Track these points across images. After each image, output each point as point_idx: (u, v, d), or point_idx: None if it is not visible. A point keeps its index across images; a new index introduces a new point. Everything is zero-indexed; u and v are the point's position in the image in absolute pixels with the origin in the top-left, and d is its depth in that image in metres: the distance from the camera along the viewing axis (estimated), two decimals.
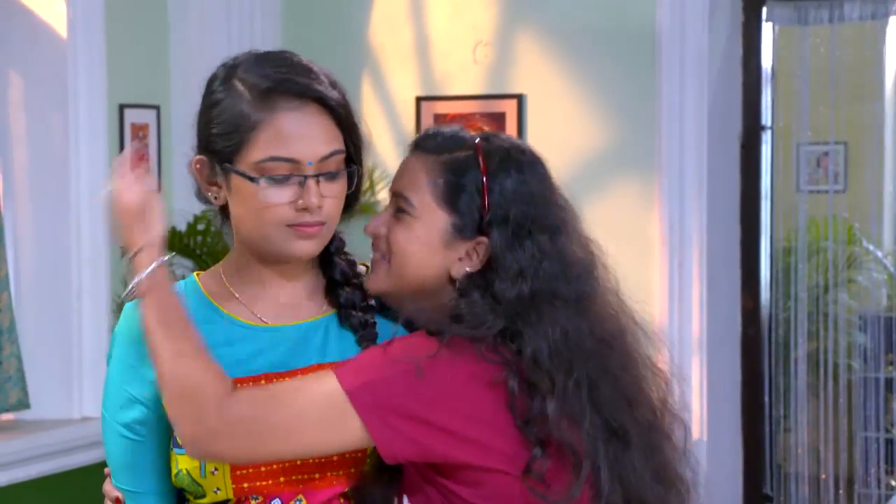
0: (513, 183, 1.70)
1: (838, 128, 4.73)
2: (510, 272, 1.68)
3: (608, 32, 4.34)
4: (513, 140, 1.76)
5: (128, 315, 1.76)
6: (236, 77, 1.71)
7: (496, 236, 1.69)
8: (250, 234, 1.71)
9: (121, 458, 1.76)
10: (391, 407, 1.63)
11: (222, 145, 1.69)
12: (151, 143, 4.40)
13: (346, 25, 4.64)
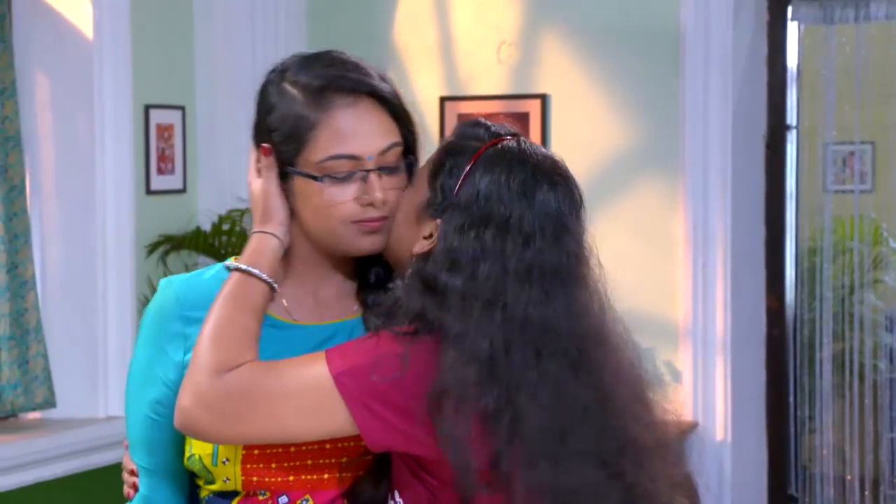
0: (491, 181, 1.66)
1: (864, 127, 4.71)
2: (445, 258, 1.64)
3: (632, 32, 4.33)
4: (530, 152, 1.69)
5: (160, 293, 1.78)
6: (286, 81, 1.72)
7: (447, 219, 1.66)
8: (317, 232, 1.73)
9: (140, 435, 1.79)
10: (372, 393, 1.62)
11: (282, 150, 1.71)
12: (176, 144, 4.42)
13: (370, 25, 4.65)
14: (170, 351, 1.75)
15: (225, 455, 1.72)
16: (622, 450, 1.66)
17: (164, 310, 1.76)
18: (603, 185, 4.33)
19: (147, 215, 4.28)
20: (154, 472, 1.80)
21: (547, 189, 1.67)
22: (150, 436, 1.78)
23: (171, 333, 1.75)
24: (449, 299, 1.63)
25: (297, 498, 1.73)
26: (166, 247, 4.38)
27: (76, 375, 4.08)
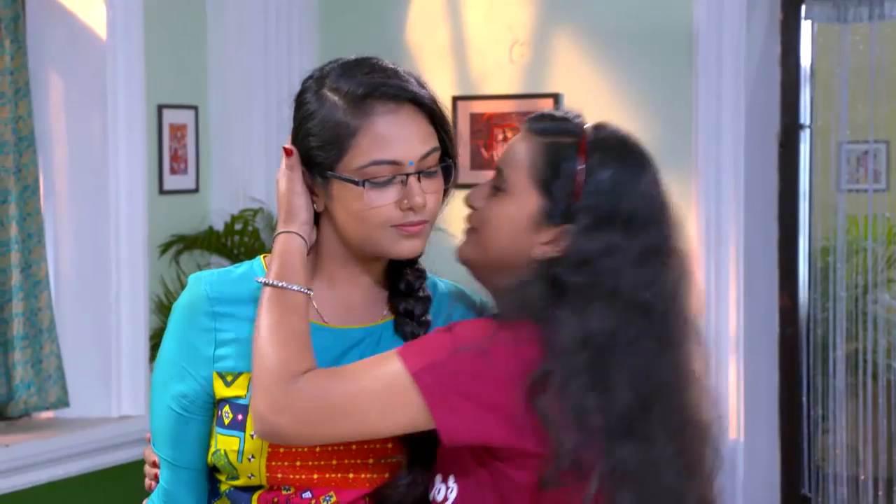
0: (609, 177, 1.68)
1: (878, 126, 4.70)
2: (575, 260, 1.67)
3: (645, 31, 4.32)
4: (622, 134, 1.74)
5: (189, 288, 1.79)
6: (326, 87, 1.74)
7: (577, 223, 1.67)
8: (355, 237, 1.74)
9: (164, 428, 1.80)
10: (453, 388, 1.63)
11: (322, 155, 1.72)
12: (189, 144, 4.42)
13: (382, 25, 4.65)
14: (199, 345, 1.76)
15: (251, 452, 1.73)
16: (683, 428, 1.71)
17: (193, 305, 1.77)
18: None
19: (160, 215, 4.29)
20: (176, 465, 1.81)
21: (651, 170, 1.73)
22: (174, 429, 1.79)
23: (200, 328, 1.76)
24: (570, 293, 1.66)
25: (321, 494, 1.74)
26: (179, 246, 4.39)
27: (89, 375, 4.09)
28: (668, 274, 1.70)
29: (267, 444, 1.73)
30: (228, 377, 1.76)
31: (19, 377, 3.86)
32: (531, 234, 1.71)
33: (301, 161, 1.75)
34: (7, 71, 3.87)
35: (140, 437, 4.15)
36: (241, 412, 1.75)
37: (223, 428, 1.76)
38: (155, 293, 4.30)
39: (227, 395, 1.76)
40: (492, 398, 1.63)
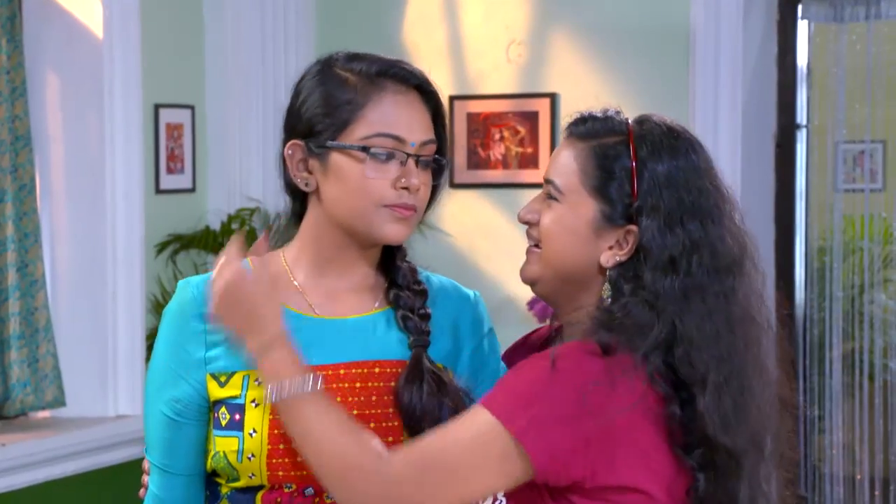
0: (664, 169, 1.65)
1: (875, 126, 4.70)
2: (660, 261, 1.63)
3: (642, 31, 4.32)
4: (667, 123, 1.71)
5: (179, 293, 1.79)
6: (337, 67, 1.76)
7: (646, 224, 1.64)
8: (346, 216, 1.74)
9: (158, 434, 1.79)
10: (556, 439, 1.58)
11: (326, 124, 1.73)
12: (186, 143, 4.42)
13: (379, 25, 4.65)
14: (190, 349, 1.76)
15: (250, 450, 1.72)
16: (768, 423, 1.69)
17: (183, 309, 1.77)
18: None
19: (156, 214, 4.28)
20: (169, 471, 1.80)
21: (703, 155, 1.69)
22: (167, 435, 1.78)
23: (190, 332, 1.76)
24: (678, 303, 1.62)
25: (324, 490, 1.72)
26: (175, 246, 4.39)
27: (86, 374, 4.09)
28: (745, 260, 1.67)
29: (267, 442, 1.72)
30: (222, 377, 1.75)
31: (16, 376, 3.85)
32: (595, 242, 1.68)
33: (295, 133, 1.76)
34: (3, 70, 3.86)
35: (137, 436, 4.14)
36: (237, 412, 1.74)
37: (221, 430, 1.75)
38: (151, 293, 4.29)
39: (223, 395, 1.75)
40: (593, 442, 1.58)
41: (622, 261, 1.67)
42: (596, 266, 1.69)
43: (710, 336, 1.62)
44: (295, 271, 1.78)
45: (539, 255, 1.73)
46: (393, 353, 1.77)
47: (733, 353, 1.63)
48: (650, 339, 1.61)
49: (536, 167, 4.47)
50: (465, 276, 4.60)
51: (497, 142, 4.51)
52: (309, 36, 4.66)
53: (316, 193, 1.76)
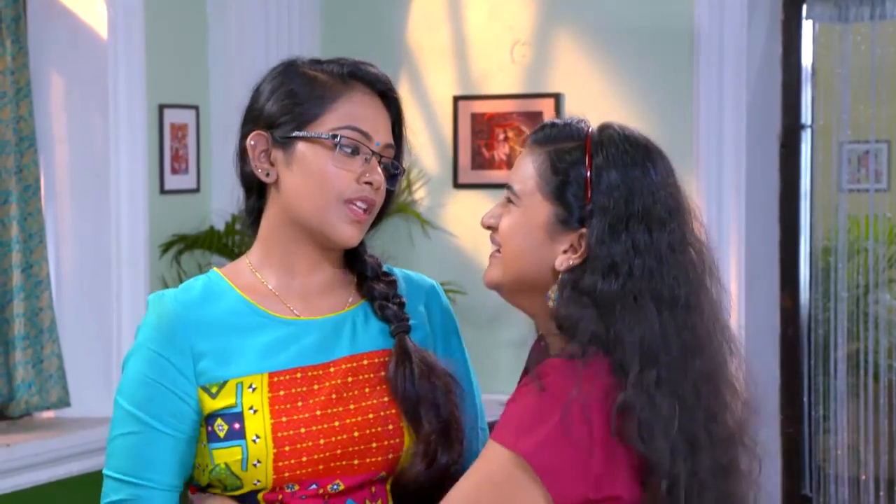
0: (618, 176, 1.66)
1: (880, 126, 4.69)
2: (602, 265, 1.65)
3: (646, 31, 4.32)
4: (628, 132, 1.72)
5: (154, 307, 1.76)
6: (303, 68, 1.78)
7: (593, 227, 1.66)
8: (304, 209, 1.74)
9: (134, 449, 1.74)
10: (563, 456, 1.60)
11: (294, 115, 1.75)
12: (190, 143, 4.42)
13: (384, 25, 4.65)
14: (177, 362, 1.73)
15: (256, 457, 1.71)
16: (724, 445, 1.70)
17: (162, 322, 1.74)
18: None
19: (161, 215, 4.29)
20: (149, 487, 1.74)
21: (661, 164, 1.70)
22: (148, 450, 1.73)
23: (174, 345, 1.73)
24: (616, 305, 1.63)
25: (327, 483, 1.74)
26: (180, 246, 4.39)
27: (90, 375, 4.09)
28: (695, 266, 1.69)
29: (272, 446, 1.71)
30: (213, 388, 1.73)
31: (20, 377, 3.86)
32: (550, 245, 1.69)
33: (259, 124, 1.78)
34: (8, 71, 3.87)
35: None
36: (236, 421, 1.72)
37: (219, 442, 1.72)
38: None
39: (217, 407, 1.73)
40: (594, 454, 1.61)
41: (575, 264, 1.68)
42: (551, 270, 1.69)
43: (645, 339, 1.63)
44: (265, 276, 1.79)
45: (499, 259, 1.74)
46: (377, 343, 1.80)
47: (669, 361, 1.64)
48: (578, 336, 1.63)
49: None
50: (468, 276, 4.61)
51: (501, 142, 4.51)
52: (313, 36, 4.67)
53: (275, 185, 1.77)
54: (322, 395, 1.75)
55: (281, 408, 1.73)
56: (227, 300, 1.77)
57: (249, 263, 1.81)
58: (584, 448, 1.60)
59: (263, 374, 1.74)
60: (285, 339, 1.76)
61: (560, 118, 1.76)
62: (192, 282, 1.80)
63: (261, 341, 1.75)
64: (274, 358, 1.75)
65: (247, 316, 1.77)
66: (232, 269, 1.81)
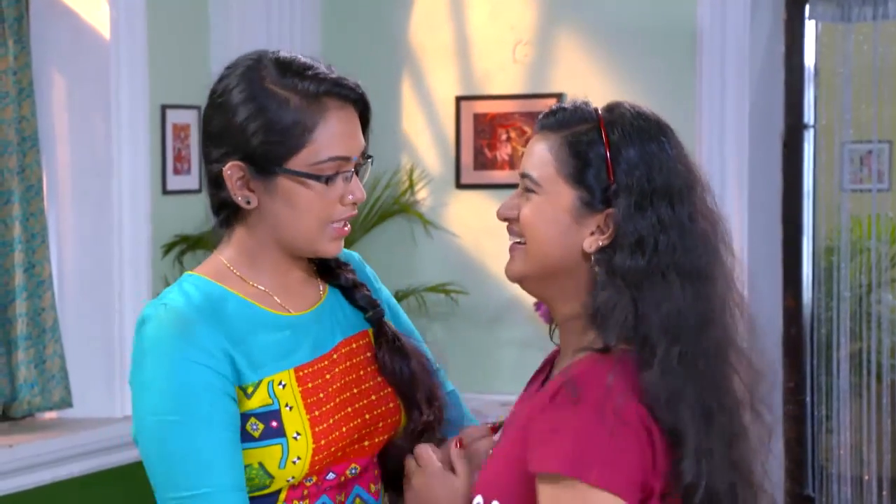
0: (636, 152, 1.67)
1: (882, 126, 4.69)
2: (630, 241, 1.66)
3: (649, 31, 4.32)
4: (637, 108, 1.73)
5: (160, 314, 1.69)
6: (271, 84, 1.72)
7: (620, 205, 1.67)
8: (289, 234, 1.74)
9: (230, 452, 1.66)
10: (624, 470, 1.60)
11: (276, 149, 1.71)
12: (193, 144, 4.42)
13: (386, 25, 4.65)
14: (215, 366, 1.68)
15: (296, 454, 1.70)
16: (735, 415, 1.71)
17: (190, 328, 1.68)
18: None
19: (163, 215, 4.28)
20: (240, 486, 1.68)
21: (673, 137, 1.72)
22: (235, 450, 1.68)
23: (207, 350, 1.68)
24: (643, 283, 1.65)
25: (345, 469, 1.76)
26: (182, 247, 4.38)
27: (93, 375, 4.08)
28: (710, 237, 1.70)
29: (311, 441, 1.71)
30: (249, 388, 1.71)
31: (23, 377, 3.85)
32: (577, 229, 1.69)
33: (236, 154, 1.72)
34: (10, 71, 3.86)
35: None
36: (273, 419, 1.70)
37: (255, 442, 1.69)
38: (157, 293, 4.28)
39: (251, 406, 1.70)
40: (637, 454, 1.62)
41: (604, 245, 1.69)
42: (580, 254, 1.70)
43: (667, 314, 1.65)
44: (252, 278, 1.78)
45: (523, 250, 1.73)
46: (356, 326, 1.84)
47: (688, 331, 1.66)
48: (611, 322, 1.64)
49: None
50: (471, 277, 4.61)
51: (504, 142, 4.51)
52: (314, 36, 4.66)
53: (256, 210, 1.74)
54: (335, 383, 1.77)
55: (311, 401, 1.73)
56: (230, 302, 1.75)
57: (230, 268, 1.78)
58: (640, 450, 1.61)
59: (290, 370, 1.73)
60: (293, 335, 1.76)
61: (567, 102, 1.76)
62: (183, 288, 1.74)
63: (273, 339, 1.75)
64: (292, 354, 1.75)
65: (253, 316, 1.76)
66: (214, 272, 1.77)
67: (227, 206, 1.76)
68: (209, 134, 1.76)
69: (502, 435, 1.77)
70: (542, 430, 1.62)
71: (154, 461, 1.68)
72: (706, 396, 1.65)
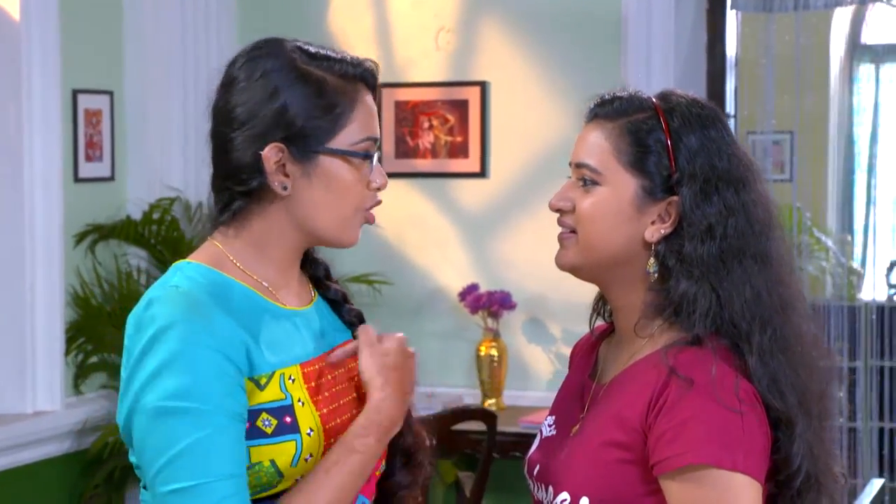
0: (697, 139, 1.68)
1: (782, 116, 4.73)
2: (699, 229, 1.66)
3: (574, 19, 4.30)
4: (690, 95, 1.73)
5: (180, 301, 1.61)
6: (304, 65, 1.68)
7: (685, 193, 1.67)
8: (322, 220, 1.68)
9: (237, 447, 1.59)
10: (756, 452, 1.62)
11: (315, 129, 1.67)
12: (104, 130, 4.28)
13: (304, 11, 4.56)
14: (225, 349, 1.60)
15: (309, 450, 1.64)
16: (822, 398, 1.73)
17: (193, 306, 1.60)
18: (544, 172, 4.30)
19: (75, 204, 4.15)
20: (240, 474, 1.61)
21: (727, 124, 1.73)
22: (241, 444, 1.61)
23: (216, 332, 1.60)
24: (721, 271, 1.65)
25: None
26: (95, 236, 4.26)
27: (3, 369, 3.97)
28: (770, 220, 1.70)
29: (323, 439, 1.65)
30: (262, 380, 1.63)
31: None
32: (638, 218, 1.69)
33: (274, 136, 1.66)
34: None
35: (55, 433, 4.02)
36: (286, 414, 1.63)
37: (267, 438, 1.62)
38: (70, 285, 4.16)
39: (263, 400, 1.63)
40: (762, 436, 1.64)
41: (666, 234, 1.69)
42: (640, 243, 1.70)
43: (750, 299, 1.66)
44: (255, 270, 1.71)
45: (576, 240, 1.72)
46: (345, 334, 1.79)
47: (774, 315, 1.67)
48: (698, 313, 1.65)
49: (466, 156, 4.42)
50: (394, 267, 4.55)
51: (426, 130, 4.45)
52: (230, 20, 4.55)
53: (284, 197, 1.69)
54: (338, 384, 1.72)
55: (319, 398, 1.67)
56: (236, 292, 1.68)
57: (230, 258, 1.71)
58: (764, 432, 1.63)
59: (297, 364, 1.68)
60: (296, 330, 1.71)
61: (620, 90, 1.76)
62: (186, 273, 1.67)
63: (280, 332, 1.69)
64: (297, 348, 1.69)
65: (258, 305, 1.69)
66: (212, 260, 1.70)
67: (249, 195, 1.69)
68: (228, 118, 1.68)
69: (581, 430, 1.73)
70: (665, 428, 1.61)
71: (151, 451, 1.59)
72: (805, 381, 1.67)
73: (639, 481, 1.64)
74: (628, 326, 1.73)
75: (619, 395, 1.69)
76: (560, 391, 1.86)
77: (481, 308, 4.23)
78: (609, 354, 1.79)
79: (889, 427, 5.23)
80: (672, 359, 1.64)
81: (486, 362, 4.24)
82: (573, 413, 1.77)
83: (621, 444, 1.65)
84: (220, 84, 1.72)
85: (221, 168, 1.70)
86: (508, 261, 4.38)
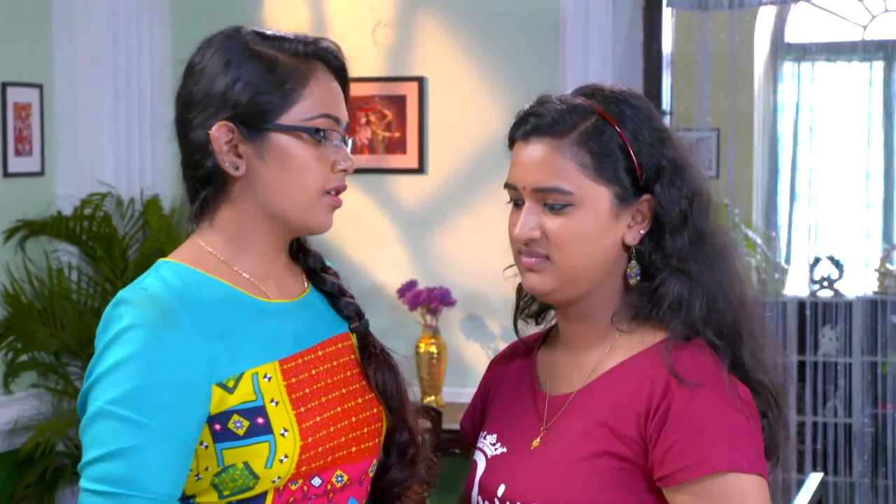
0: (647, 132, 1.64)
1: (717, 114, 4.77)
2: (676, 219, 1.64)
3: (512, 15, 4.29)
4: (617, 88, 1.69)
5: (142, 300, 1.57)
6: (255, 45, 1.66)
7: (657, 189, 1.64)
8: (283, 203, 1.64)
9: (179, 462, 1.56)
10: (761, 451, 1.63)
11: (262, 105, 1.63)
12: (34, 124, 4.19)
13: (239, 4, 4.49)
14: (189, 357, 1.56)
15: (284, 451, 1.59)
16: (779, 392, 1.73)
17: (170, 317, 1.56)
18: (482, 169, 4.28)
19: (4, 199, 4.06)
20: (174, 495, 1.57)
21: (651, 104, 1.70)
22: (186, 463, 1.57)
23: (182, 337, 1.56)
24: (696, 259, 1.65)
25: (330, 476, 1.65)
26: (24, 233, 4.17)
27: None
28: (711, 200, 1.70)
29: (299, 439, 1.60)
30: (230, 383, 1.59)
31: None
32: (615, 226, 1.65)
33: (223, 114, 1.63)
34: None
35: None
36: (258, 415, 1.59)
37: (238, 440, 1.58)
38: (0, 282, 4.06)
39: (233, 403, 1.59)
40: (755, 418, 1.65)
41: (644, 233, 1.66)
42: (618, 249, 1.67)
43: (725, 284, 1.66)
44: (236, 263, 1.68)
45: (552, 265, 1.65)
46: (340, 327, 1.75)
47: (744, 296, 1.67)
48: (693, 311, 1.64)
49: (404, 152, 4.39)
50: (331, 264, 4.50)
51: (363, 126, 4.42)
52: (163, 13, 4.47)
53: (243, 179, 1.65)
54: (321, 380, 1.67)
55: (297, 396, 1.63)
56: (213, 290, 1.63)
57: (212, 252, 1.67)
58: (760, 428, 1.63)
59: (274, 362, 1.63)
60: (278, 325, 1.66)
61: (541, 102, 1.71)
62: (160, 275, 1.63)
63: (259, 328, 1.64)
64: (276, 345, 1.64)
65: (236, 303, 1.64)
66: (192, 258, 1.67)
67: (209, 182, 1.65)
68: (188, 103, 1.65)
69: (548, 443, 1.67)
70: (674, 439, 1.57)
71: (88, 441, 1.56)
72: (772, 374, 1.67)
73: (639, 489, 1.60)
74: (590, 333, 1.69)
75: (600, 403, 1.64)
76: (496, 408, 1.79)
77: (420, 305, 4.21)
78: (556, 362, 1.73)
79: (822, 421, 5.31)
80: (671, 359, 1.61)
81: (426, 359, 4.23)
82: (528, 428, 1.70)
83: (617, 455, 1.60)
84: (182, 72, 1.70)
85: (182, 155, 1.68)
86: (447, 257, 4.36)
